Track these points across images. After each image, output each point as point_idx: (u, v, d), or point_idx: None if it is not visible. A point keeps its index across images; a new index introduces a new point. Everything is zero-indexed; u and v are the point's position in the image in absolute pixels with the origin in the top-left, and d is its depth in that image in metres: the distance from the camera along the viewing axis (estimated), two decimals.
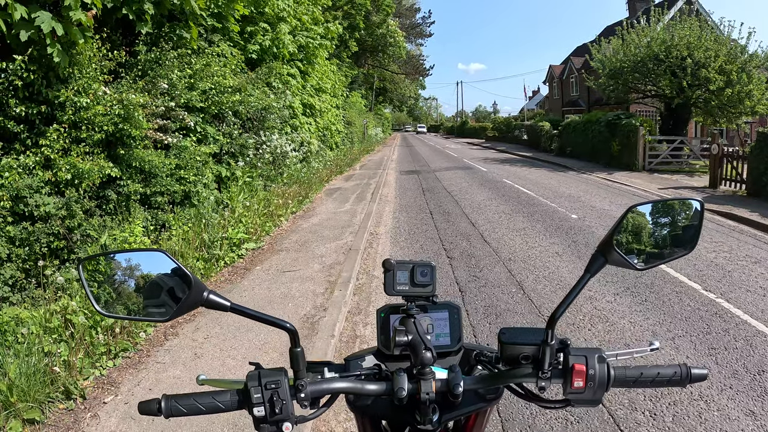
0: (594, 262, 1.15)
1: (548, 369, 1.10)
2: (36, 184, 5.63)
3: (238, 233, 7.95)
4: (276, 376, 1.07)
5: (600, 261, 1.15)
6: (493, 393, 1.22)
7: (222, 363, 4.42)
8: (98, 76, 6.66)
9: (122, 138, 6.73)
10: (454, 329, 1.34)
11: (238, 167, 10.16)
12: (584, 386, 1.07)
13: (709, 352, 4.69)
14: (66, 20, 5.55)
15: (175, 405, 1.06)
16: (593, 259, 1.15)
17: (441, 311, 1.34)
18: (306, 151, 15.67)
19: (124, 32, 8.08)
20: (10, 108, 5.68)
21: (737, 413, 3.70)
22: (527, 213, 11.47)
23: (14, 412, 3.47)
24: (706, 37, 19.29)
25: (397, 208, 12.63)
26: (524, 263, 7.51)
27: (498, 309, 5.81)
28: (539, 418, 3.69)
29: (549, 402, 1.18)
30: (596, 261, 1.15)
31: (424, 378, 1.09)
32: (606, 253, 1.14)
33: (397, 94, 66.59)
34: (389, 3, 41.58)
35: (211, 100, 9.29)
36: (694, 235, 1.21)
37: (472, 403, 1.20)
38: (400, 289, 1.29)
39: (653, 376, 1.11)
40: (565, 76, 45.93)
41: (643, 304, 5.84)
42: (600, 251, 1.15)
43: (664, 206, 1.25)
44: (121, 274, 1.15)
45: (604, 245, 1.14)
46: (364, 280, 7.03)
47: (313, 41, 16.92)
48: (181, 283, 1.09)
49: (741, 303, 5.85)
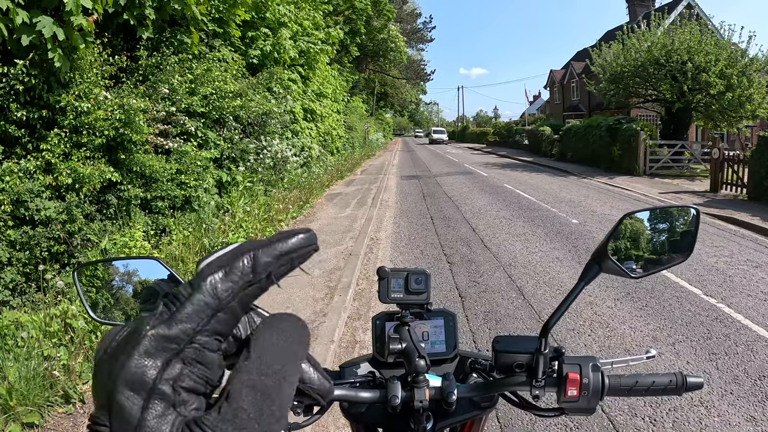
0: (588, 271, 1.13)
1: (542, 377, 1.09)
2: (37, 189, 5.64)
3: (238, 238, 7.93)
4: None
5: (594, 269, 1.13)
6: (488, 401, 1.22)
7: None
8: (99, 81, 6.67)
9: (123, 143, 6.74)
10: (449, 336, 1.33)
11: (238, 172, 10.16)
12: (578, 395, 1.06)
13: (710, 357, 4.68)
14: (67, 25, 5.57)
15: None
16: (587, 268, 1.14)
17: (436, 319, 1.34)
18: (307, 156, 15.67)
19: (125, 37, 8.10)
20: (11, 112, 5.69)
21: (738, 419, 3.69)
22: (528, 218, 11.46)
23: (13, 415, 3.46)
24: (707, 42, 19.28)
25: (397, 213, 12.62)
26: (524, 268, 7.50)
27: (498, 314, 5.80)
28: (539, 424, 3.68)
29: (543, 410, 1.17)
30: (590, 269, 1.14)
31: (417, 386, 1.08)
32: (600, 261, 1.13)
33: (398, 99, 66.59)
34: (390, 8, 41.71)
35: (212, 105, 9.30)
36: (691, 242, 1.20)
37: (466, 411, 1.20)
38: (394, 296, 1.28)
39: (648, 384, 1.11)
40: (566, 81, 45.92)
41: (643, 309, 5.83)
42: (594, 259, 1.14)
43: (659, 213, 1.24)
44: (119, 280, 1.15)
45: (599, 253, 1.13)
46: (364, 285, 7.03)
47: (314, 46, 16.94)
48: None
49: (742, 308, 5.84)
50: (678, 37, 19.76)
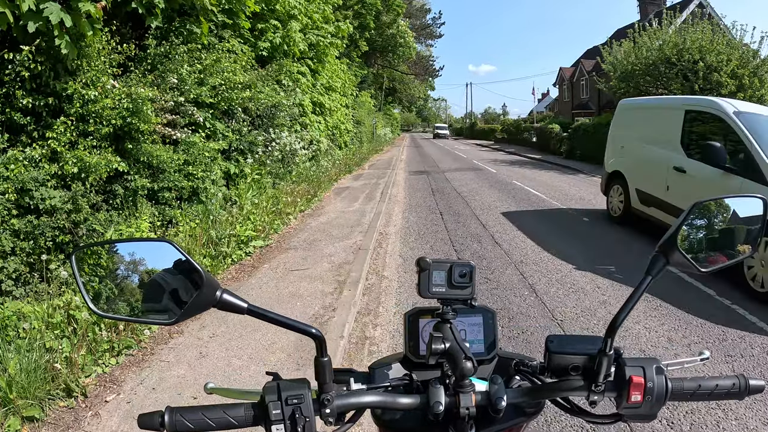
0: (655, 264, 1.04)
1: (603, 381, 1.00)
2: (42, 177, 5.56)
3: (246, 230, 7.86)
4: (298, 389, 0.94)
5: (661, 262, 1.04)
6: (534, 407, 1.11)
7: (227, 363, 4.33)
8: (107, 69, 6.60)
9: (130, 132, 6.67)
10: (488, 335, 1.23)
11: (246, 164, 10.10)
12: (642, 400, 0.98)
13: (726, 359, 4.57)
14: (75, 12, 5.49)
15: (181, 419, 0.93)
16: (654, 260, 1.04)
17: (475, 316, 1.24)
18: (315, 150, 15.62)
19: (134, 26, 8.02)
20: (16, 99, 5.62)
21: (755, 422, 3.60)
22: (537, 215, 11.37)
23: (13, 409, 3.39)
24: (719, 41, 19.09)
25: (406, 208, 12.54)
26: (536, 266, 7.39)
27: (511, 312, 5.69)
28: (554, 425, 3.58)
29: (600, 417, 1.07)
30: (657, 262, 1.04)
31: (463, 391, 0.98)
32: (668, 253, 1.03)
33: (407, 94, 66.49)
34: (400, 3, 41.62)
35: (220, 96, 9.22)
36: (757, 235, 1.10)
37: (511, 418, 1.09)
38: (436, 290, 1.16)
39: (711, 388, 1.02)
40: (576, 79, 45.75)
41: (657, 309, 5.72)
42: (661, 251, 1.04)
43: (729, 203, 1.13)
44: (124, 269, 1.04)
45: (666, 244, 1.03)
46: (373, 280, 6.94)
47: (324, 40, 16.89)
48: (187, 280, 0.96)
49: (755, 310, 5.73)
50: (689, 36, 19.58)
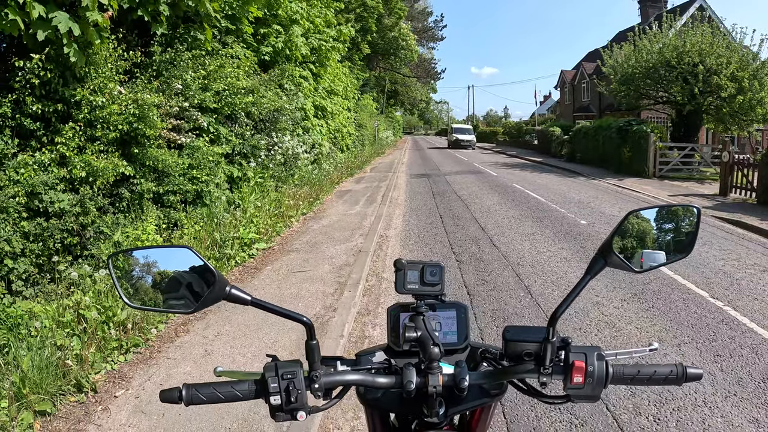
0: (594, 265, 1.20)
1: (550, 365, 1.16)
2: (51, 181, 5.73)
3: (249, 233, 8.01)
4: (292, 367, 1.12)
5: (600, 263, 1.20)
6: (497, 389, 1.28)
7: (232, 360, 4.47)
8: (114, 76, 6.76)
9: (136, 137, 6.83)
10: (461, 328, 1.39)
11: (249, 168, 10.23)
12: (583, 382, 1.12)
13: (715, 359, 4.69)
14: (83, 21, 5.65)
15: (196, 393, 1.11)
16: (593, 262, 1.21)
17: (449, 310, 1.39)
18: (317, 153, 15.74)
19: (140, 33, 8.17)
20: (27, 105, 5.79)
21: (741, 420, 3.71)
22: (536, 218, 11.48)
23: (26, 403, 3.54)
24: (718, 44, 19.19)
25: (407, 211, 12.67)
26: (533, 268, 7.52)
27: (506, 313, 5.83)
28: (544, 420, 3.72)
29: (550, 397, 1.23)
30: (596, 263, 1.21)
31: (431, 372, 1.15)
32: (606, 256, 1.19)
33: (409, 97, 66.44)
34: (401, 6, 41.69)
35: (224, 101, 9.37)
36: (692, 240, 1.26)
37: (476, 398, 1.26)
38: (410, 287, 1.35)
39: (650, 374, 1.16)
40: (577, 82, 45.73)
41: (649, 311, 5.84)
42: (600, 254, 1.20)
43: (663, 211, 1.30)
44: (138, 270, 1.21)
45: (605, 248, 1.19)
46: (373, 281, 7.08)
47: (326, 44, 16.98)
48: (200, 278, 1.16)
49: (748, 311, 5.84)
50: (690, 39, 19.68)
